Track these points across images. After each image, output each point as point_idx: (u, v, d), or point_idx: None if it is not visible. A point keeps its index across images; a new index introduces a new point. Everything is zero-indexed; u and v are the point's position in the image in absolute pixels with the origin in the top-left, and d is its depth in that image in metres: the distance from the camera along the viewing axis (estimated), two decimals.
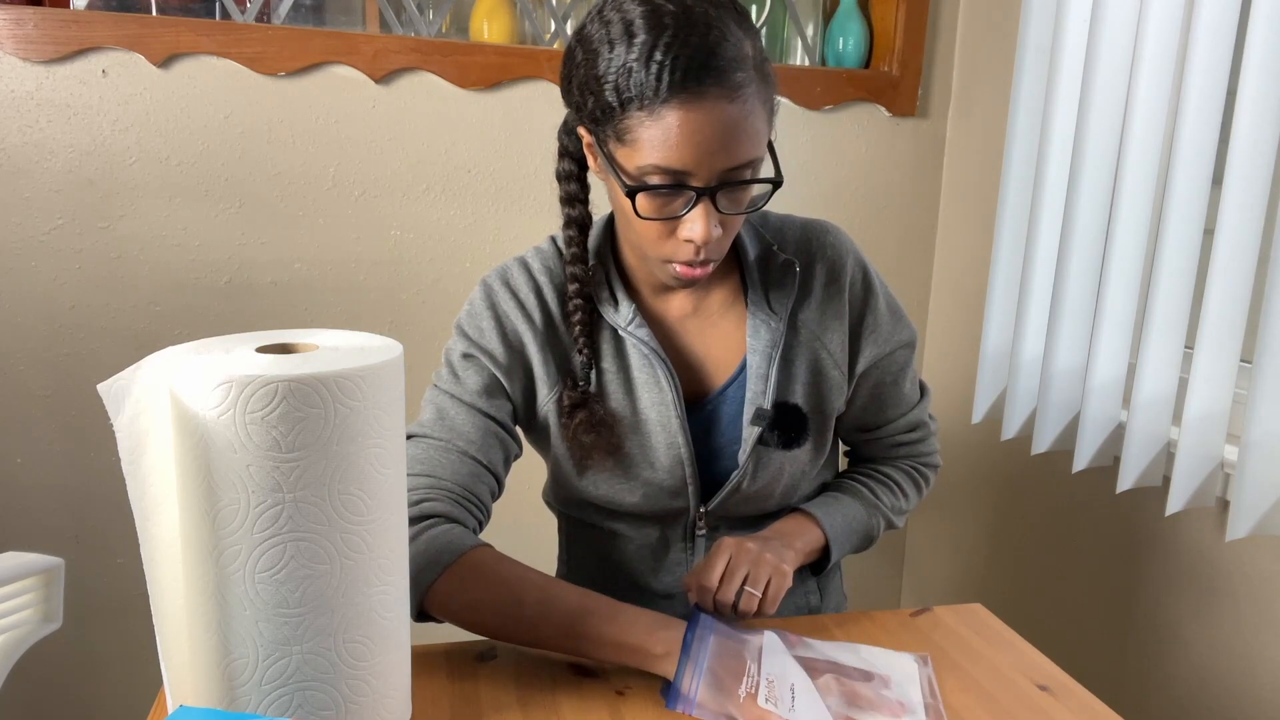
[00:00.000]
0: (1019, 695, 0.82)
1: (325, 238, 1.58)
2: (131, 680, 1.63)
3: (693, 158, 0.76)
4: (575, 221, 0.91)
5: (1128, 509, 1.42)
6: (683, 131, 0.75)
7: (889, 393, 1.02)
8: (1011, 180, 1.51)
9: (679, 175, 0.77)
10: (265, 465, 0.62)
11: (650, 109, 0.75)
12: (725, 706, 0.75)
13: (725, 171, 0.78)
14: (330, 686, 0.67)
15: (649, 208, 0.80)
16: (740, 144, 0.77)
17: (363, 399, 0.64)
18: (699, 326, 0.96)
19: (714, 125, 0.75)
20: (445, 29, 1.70)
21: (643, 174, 0.78)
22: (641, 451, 0.94)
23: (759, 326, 0.93)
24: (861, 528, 1.01)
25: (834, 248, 0.96)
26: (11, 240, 1.46)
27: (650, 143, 0.76)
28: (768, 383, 0.93)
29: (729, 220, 0.82)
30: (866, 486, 1.05)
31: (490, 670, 0.84)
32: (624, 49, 0.75)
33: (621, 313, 0.92)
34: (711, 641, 0.81)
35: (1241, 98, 1.08)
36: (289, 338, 0.71)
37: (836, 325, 0.96)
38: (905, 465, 1.08)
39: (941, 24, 1.79)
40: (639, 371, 0.93)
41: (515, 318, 0.93)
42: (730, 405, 0.95)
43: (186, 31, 1.45)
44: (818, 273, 0.96)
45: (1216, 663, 1.28)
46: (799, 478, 1.00)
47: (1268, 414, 1.09)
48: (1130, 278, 1.31)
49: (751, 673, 0.79)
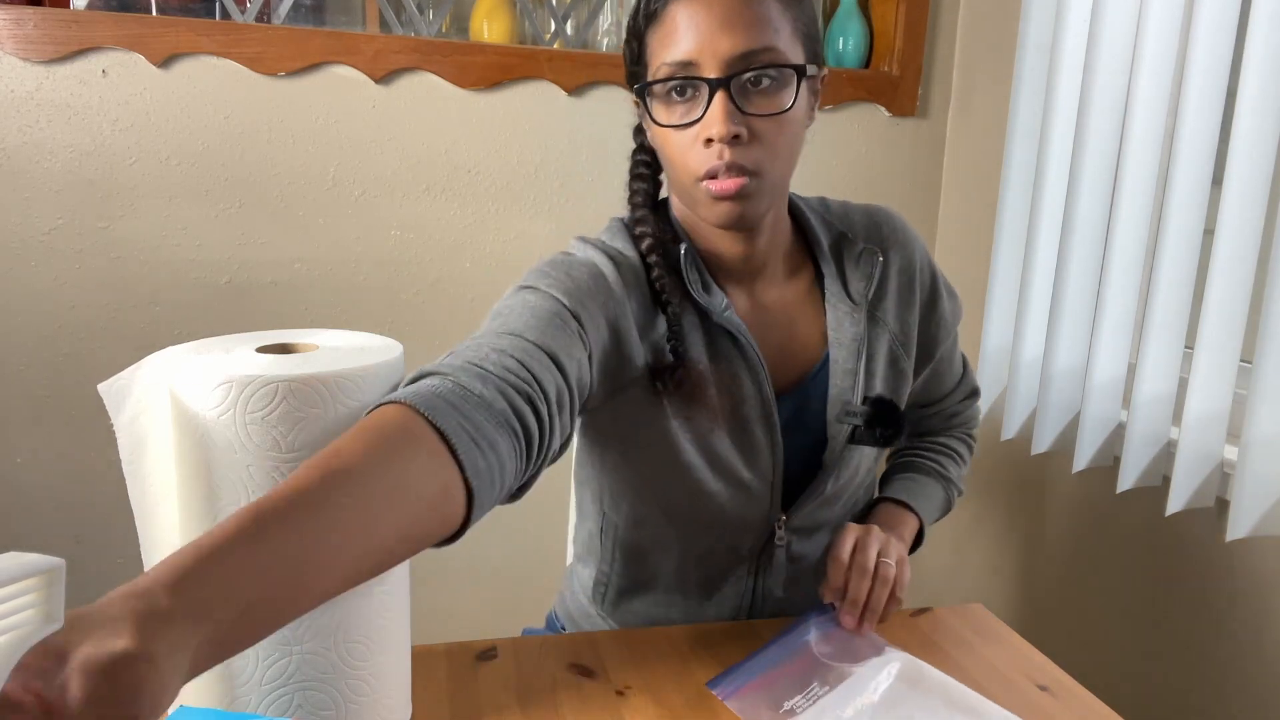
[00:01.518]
0: (1019, 695, 0.82)
1: (325, 238, 1.58)
2: None
3: (695, 43, 0.76)
4: (642, 190, 0.89)
5: (1128, 509, 1.42)
6: (684, 19, 0.76)
7: (947, 367, 1.03)
8: (1011, 180, 1.51)
9: (686, 67, 0.77)
10: (265, 465, 0.62)
11: (658, 16, 0.78)
12: (762, 714, 0.76)
13: (734, 58, 0.76)
14: (330, 686, 0.67)
15: (668, 114, 0.79)
16: (747, 27, 0.76)
17: (363, 399, 0.64)
18: (775, 315, 0.90)
19: (714, 8, 0.76)
20: (445, 29, 1.70)
21: (657, 78, 0.78)
22: (733, 447, 0.87)
23: (841, 319, 0.90)
24: (942, 504, 1.03)
25: (903, 234, 0.94)
26: (11, 240, 1.46)
27: (659, 45, 0.78)
28: (856, 378, 0.89)
29: (757, 125, 0.77)
30: (936, 461, 1.05)
31: (490, 670, 0.84)
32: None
33: (715, 297, 0.85)
34: (798, 647, 0.82)
35: (1241, 98, 1.08)
36: (289, 338, 0.71)
37: (907, 315, 0.93)
38: (959, 433, 1.09)
39: (941, 24, 1.79)
40: (729, 362, 0.86)
41: (615, 286, 0.83)
42: (813, 403, 0.90)
43: (186, 31, 1.45)
44: (892, 260, 0.93)
45: (1216, 663, 1.28)
46: (868, 475, 0.98)
47: (1268, 414, 1.09)
48: (1130, 278, 1.31)
49: (814, 694, 0.79)
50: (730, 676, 0.81)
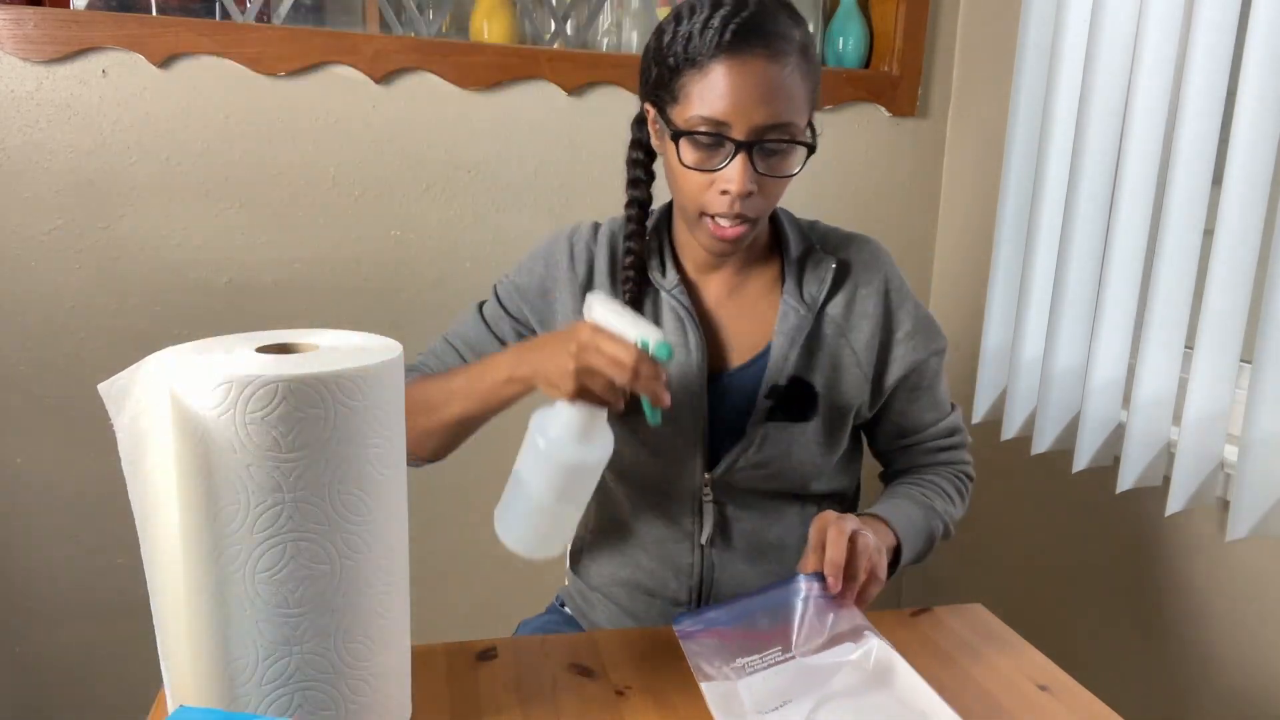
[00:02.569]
0: (1019, 695, 0.82)
1: (325, 238, 1.58)
2: (131, 680, 1.62)
3: (733, 109, 0.86)
4: (637, 201, 1.01)
5: (1128, 509, 1.42)
6: (726, 84, 0.86)
7: (926, 398, 1.06)
8: (1011, 180, 1.51)
9: (720, 126, 0.87)
10: (265, 465, 0.62)
11: (701, 66, 0.86)
12: (714, 662, 0.77)
13: (762, 128, 0.87)
14: (330, 686, 0.67)
15: (692, 157, 0.89)
16: (777, 103, 0.86)
17: (363, 399, 0.64)
18: (734, 307, 1.03)
19: (754, 81, 0.85)
20: (445, 29, 1.70)
21: (690, 125, 0.88)
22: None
23: (788, 313, 0.99)
24: (925, 529, 1.02)
25: (871, 255, 1.04)
26: (11, 240, 1.46)
27: (699, 95, 0.87)
28: (787, 363, 0.98)
29: (765, 183, 0.90)
30: (919, 490, 1.06)
31: (490, 670, 0.84)
32: (687, 22, 0.88)
33: (668, 278, 1.01)
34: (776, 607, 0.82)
35: (1241, 98, 1.08)
36: (289, 338, 0.71)
37: (865, 325, 1.01)
38: (945, 472, 1.09)
39: (941, 24, 1.79)
40: (672, 334, 1.00)
41: (561, 265, 1.02)
42: (750, 382, 1.00)
43: (186, 31, 1.45)
44: (852, 273, 1.02)
45: (1216, 663, 1.28)
46: (808, 465, 1.02)
47: (1268, 414, 1.09)
48: (1130, 278, 1.31)
49: (771, 658, 0.79)
50: (696, 619, 0.81)
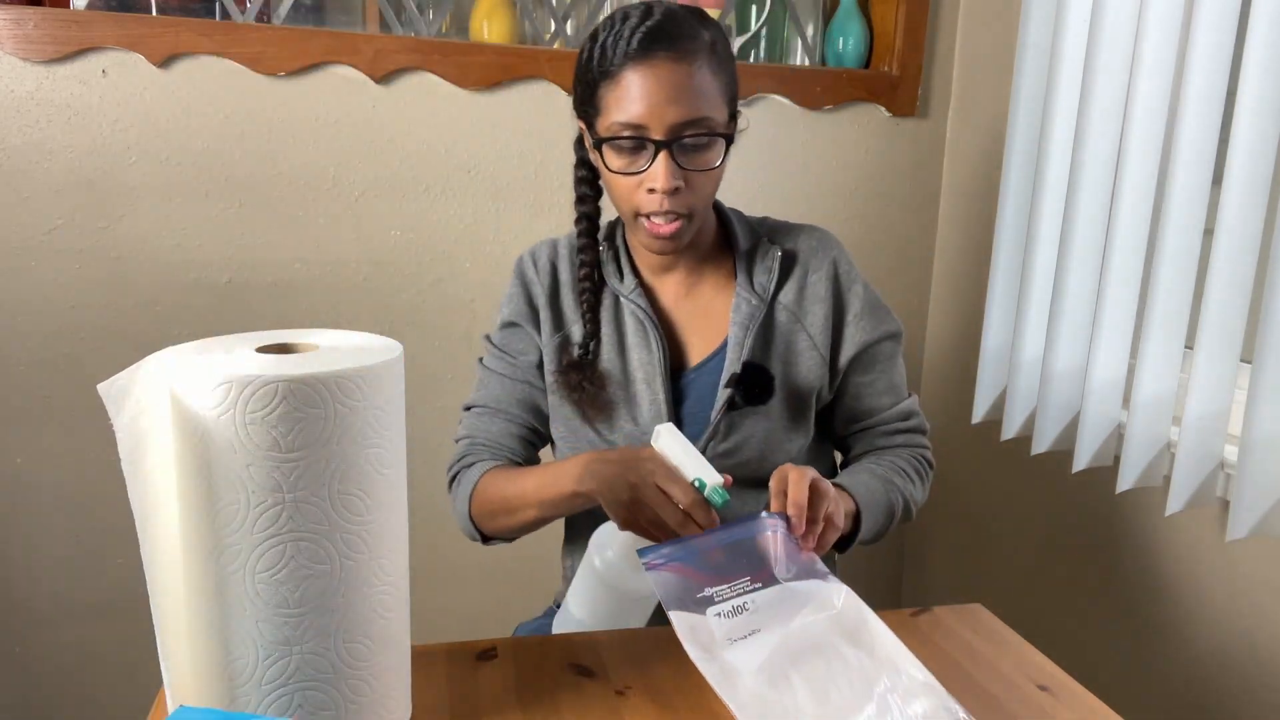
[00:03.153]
0: (1019, 695, 0.82)
1: (325, 238, 1.58)
2: (131, 680, 1.63)
3: (647, 111, 0.91)
4: (585, 216, 1.06)
5: (1128, 509, 1.42)
6: (639, 89, 0.91)
7: (881, 380, 1.10)
8: (1011, 180, 1.51)
9: (638, 129, 0.92)
10: (265, 465, 0.62)
11: (615, 76, 0.92)
12: (682, 592, 0.78)
13: (678, 125, 0.92)
14: (330, 686, 0.67)
15: (618, 162, 0.95)
16: (689, 100, 0.91)
17: (363, 399, 0.64)
18: (690, 306, 1.08)
19: (663, 82, 0.91)
20: (445, 29, 1.70)
21: (611, 132, 0.94)
22: (626, 406, 1.05)
23: (740, 303, 1.04)
24: (884, 501, 1.03)
25: (819, 242, 1.09)
26: (11, 240, 1.46)
27: (615, 103, 0.93)
28: (742, 350, 1.03)
29: (691, 177, 0.95)
30: (878, 466, 1.07)
31: (490, 670, 0.84)
32: (601, 39, 0.94)
33: (625, 283, 1.06)
34: (741, 541, 0.82)
35: (1241, 98, 1.08)
36: (289, 338, 0.71)
37: (818, 309, 1.06)
38: (904, 454, 1.11)
39: (941, 24, 1.79)
40: (632, 335, 1.05)
41: (532, 280, 1.09)
42: (710, 376, 1.05)
43: (186, 31, 1.45)
44: (800, 261, 1.07)
45: (1216, 663, 1.28)
46: (777, 450, 1.04)
47: (1268, 414, 1.09)
48: (1130, 278, 1.31)
49: (740, 587, 0.79)
50: (662, 550, 0.80)
